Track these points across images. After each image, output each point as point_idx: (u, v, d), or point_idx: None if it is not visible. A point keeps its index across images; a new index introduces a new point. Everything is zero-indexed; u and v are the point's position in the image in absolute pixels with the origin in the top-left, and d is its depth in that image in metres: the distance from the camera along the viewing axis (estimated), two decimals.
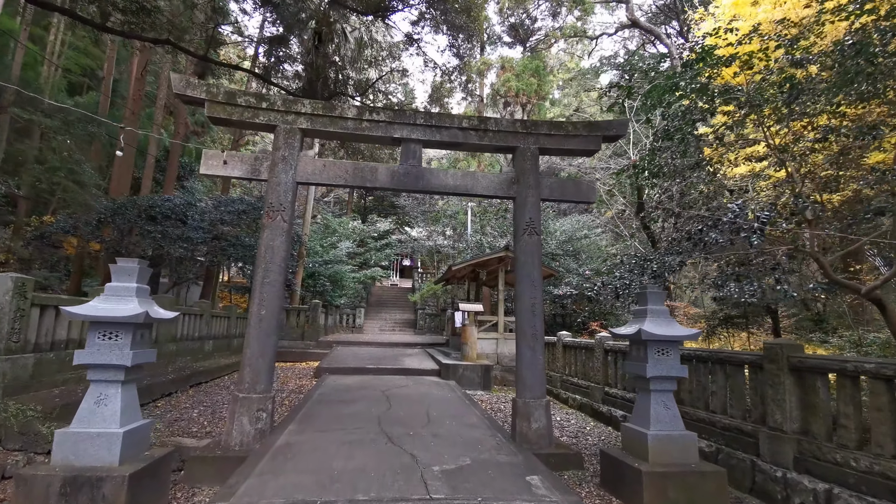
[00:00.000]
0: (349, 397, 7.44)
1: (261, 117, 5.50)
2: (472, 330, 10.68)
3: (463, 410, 6.90)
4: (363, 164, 5.73)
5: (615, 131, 6.03)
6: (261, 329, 5.11)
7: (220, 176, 5.43)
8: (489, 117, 6.04)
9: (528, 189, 5.80)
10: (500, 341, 11.49)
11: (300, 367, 11.97)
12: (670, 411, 4.26)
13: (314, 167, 5.60)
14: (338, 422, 5.76)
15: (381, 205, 28.21)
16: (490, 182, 5.88)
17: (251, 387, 4.96)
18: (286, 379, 9.90)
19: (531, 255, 5.66)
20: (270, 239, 5.27)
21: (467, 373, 10.04)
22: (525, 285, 5.60)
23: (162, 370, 8.11)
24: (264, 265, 5.21)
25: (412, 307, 23.26)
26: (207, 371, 9.09)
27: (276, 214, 5.31)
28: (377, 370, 10.27)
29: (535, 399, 5.36)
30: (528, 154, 5.89)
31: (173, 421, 6.02)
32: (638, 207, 11.64)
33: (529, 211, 5.74)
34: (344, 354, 12.48)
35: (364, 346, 14.74)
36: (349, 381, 9.11)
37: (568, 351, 9.24)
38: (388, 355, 12.55)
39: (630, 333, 4.32)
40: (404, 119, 5.72)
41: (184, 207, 13.04)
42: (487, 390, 10.03)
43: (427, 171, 5.79)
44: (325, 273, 17.26)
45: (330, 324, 17.98)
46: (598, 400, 7.62)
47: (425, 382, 9.45)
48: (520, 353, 5.56)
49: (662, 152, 6.20)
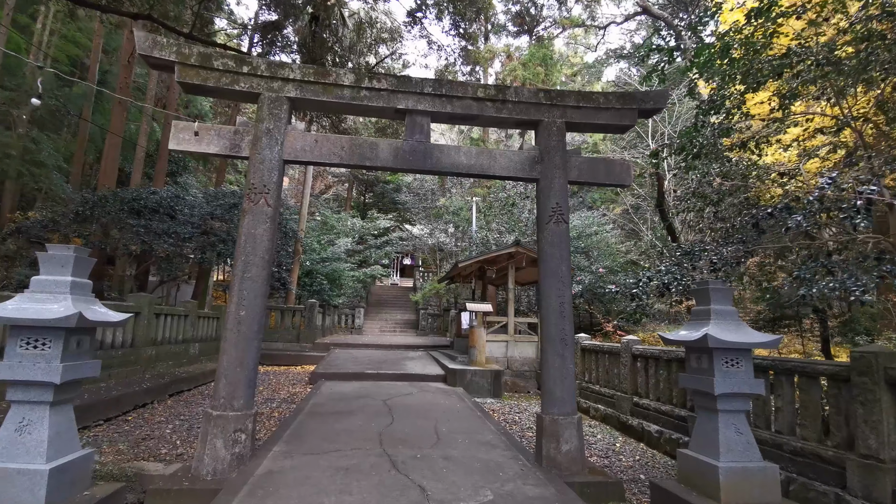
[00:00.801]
0: (347, 408, 6.61)
1: (241, 83, 4.67)
2: (481, 332, 9.85)
3: (476, 424, 6.08)
4: (362, 139, 4.90)
5: (653, 104, 5.20)
6: (240, 333, 4.28)
7: (192, 152, 4.62)
8: (508, 86, 5.21)
9: (554, 169, 4.97)
10: (511, 344, 10.67)
11: (294, 372, 11.14)
12: (743, 437, 3.43)
13: (304, 142, 4.77)
14: (333, 441, 4.94)
15: (382, 201, 27.38)
16: (509, 161, 5.05)
17: (227, 402, 4.13)
18: (278, 386, 9.07)
19: (558, 246, 4.83)
20: (252, 226, 4.44)
21: (476, 379, 9.21)
22: (551, 282, 4.77)
23: (137, 378, 7.29)
24: (244, 257, 4.38)
25: (414, 307, 22.44)
26: (191, 377, 8.26)
27: (258, 197, 4.48)
28: (378, 376, 9.45)
29: (566, 416, 4.53)
30: (554, 129, 5.07)
31: (141, 440, 5.19)
32: (658, 199, 10.82)
33: (555, 194, 4.91)
34: (342, 358, 11.66)
35: (363, 348, 13.91)
36: (347, 389, 8.28)
37: (588, 355, 8.42)
38: (389, 359, 11.73)
39: (691, 339, 3.49)
40: (410, 87, 4.89)
41: (171, 201, 12.23)
42: (498, 398, 9.21)
43: (436, 148, 4.97)
44: (322, 271, 16.43)
45: (328, 325, 17.14)
46: (625, 411, 6.80)
47: (430, 390, 8.63)
48: (546, 362, 4.73)
49: (705, 128, 5.38)
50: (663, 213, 10.73)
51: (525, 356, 10.67)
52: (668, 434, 5.68)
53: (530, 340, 10.77)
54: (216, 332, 10.95)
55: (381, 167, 4.93)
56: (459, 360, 10.56)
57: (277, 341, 13.45)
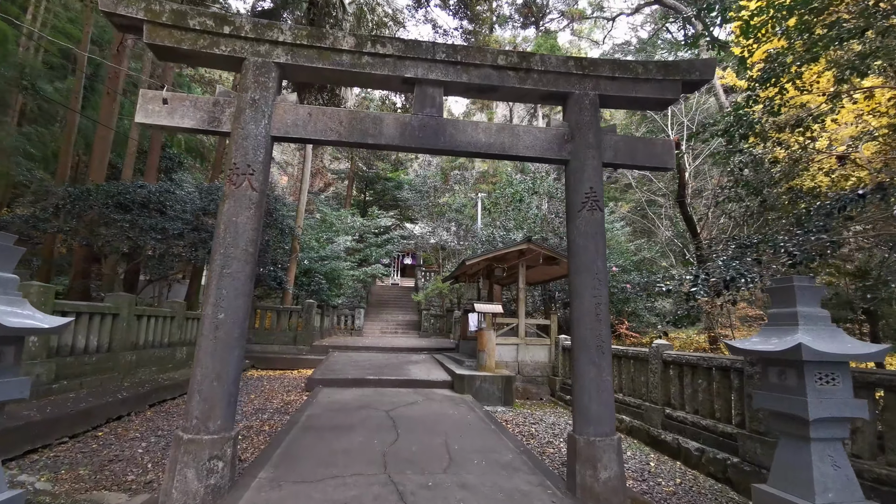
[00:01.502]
0: (346, 421, 5.92)
1: (222, 47, 3.97)
2: (490, 335, 9.16)
3: (491, 441, 5.38)
4: (363, 112, 4.21)
5: (699, 75, 4.52)
6: (217, 340, 3.59)
7: (164, 126, 3.93)
8: (533, 53, 4.51)
9: (587, 149, 4.28)
10: (521, 347, 9.98)
11: (290, 377, 10.45)
12: (841, 471, 2.74)
13: (296, 116, 4.08)
14: (330, 464, 4.24)
15: (383, 199, 26.67)
16: (535, 139, 4.36)
17: (201, 424, 3.44)
18: (271, 393, 8.37)
19: (593, 237, 4.14)
20: (233, 213, 3.75)
21: (485, 385, 8.52)
22: (585, 279, 4.08)
23: (113, 386, 6.59)
24: (223, 250, 3.69)
25: (416, 307, 21.77)
26: (176, 385, 7.57)
27: (241, 179, 3.79)
28: (379, 382, 8.75)
29: (604, 437, 3.84)
30: (586, 102, 4.38)
31: (108, 461, 4.50)
32: (678, 192, 10.13)
33: (589, 178, 4.22)
34: (341, 361, 10.96)
35: (364, 351, 13.22)
36: (346, 397, 7.59)
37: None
38: (391, 363, 11.03)
39: (778, 350, 2.80)
40: (420, 52, 4.20)
41: (160, 195, 11.52)
42: (509, 406, 8.52)
43: (450, 124, 4.28)
44: (320, 270, 15.74)
45: (326, 326, 16.44)
46: (655, 424, 6.10)
47: (437, 398, 7.94)
48: (579, 372, 4.04)
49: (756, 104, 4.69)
50: (683, 207, 10.05)
51: (536, 360, 9.98)
52: (712, 453, 4.99)
53: (542, 344, 10.08)
54: None
55: (385, 146, 4.23)
56: (466, 364, 9.87)
57: (273, 344, 12.76)
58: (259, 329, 12.92)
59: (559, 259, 10.12)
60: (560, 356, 9.54)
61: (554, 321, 10.19)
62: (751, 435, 4.54)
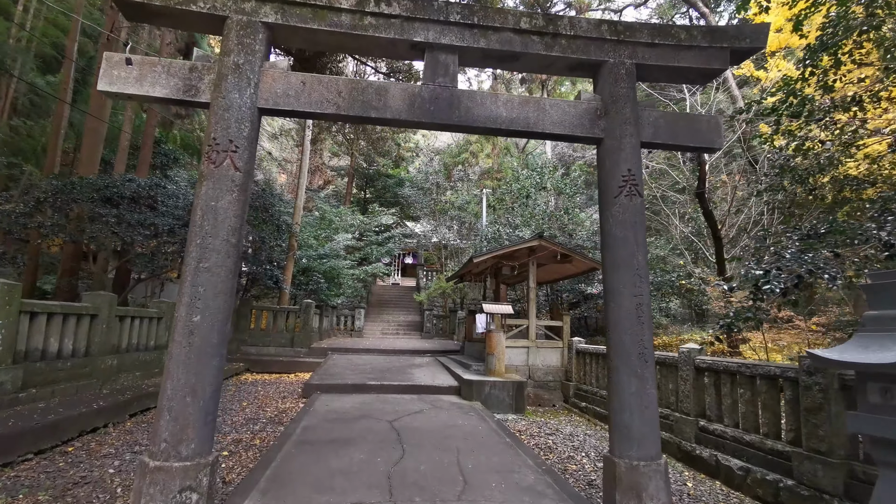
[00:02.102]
0: (345, 434, 5.34)
1: (200, 2, 3.40)
2: (500, 337, 8.59)
3: (508, 457, 4.81)
4: (366, 81, 3.63)
5: (749, 42, 3.94)
6: (192, 347, 3.02)
7: (131, 96, 3.37)
8: (561, 15, 3.94)
9: (624, 125, 3.71)
10: (532, 350, 9.40)
11: (287, 382, 9.87)
12: None
13: (287, 85, 3.50)
14: (326, 489, 3.67)
15: (384, 197, 26.06)
16: (563, 114, 3.78)
17: (172, 448, 2.87)
18: (265, 400, 7.79)
19: (632, 227, 3.56)
20: (212, 196, 3.18)
21: (495, 392, 7.95)
22: (624, 276, 3.51)
23: (90, 394, 6.02)
24: (200, 240, 3.12)
25: (417, 308, 21.19)
26: None
27: (222, 156, 3.22)
28: (381, 388, 8.18)
29: (648, 461, 3.27)
30: (622, 72, 3.80)
31: (73, 484, 3.92)
32: (698, 184, 9.55)
33: (626, 158, 3.65)
34: (340, 365, 10.39)
35: (364, 353, 12.64)
36: (346, 405, 7.02)
37: None
38: (393, 366, 10.46)
39: (883, 363, 2.22)
40: (431, 13, 3.62)
41: (151, 189, 10.96)
42: (521, 413, 7.94)
43: (466, 96, 3.70)
44: (319, 269, 15.15)
45: (325, 327, 15.86)
46: (688, 438, 5.53)
47: (444, 405, 7.36)
48: (617, 385, 3.47)
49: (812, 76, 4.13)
50: (703, 201, 9.48)
51: (548, 364, 9.40)
52: (759, 473, 4.41)
53: (554, 346, 9.50)
54: None
55: (391, 120, 3.66)
56: (474, 368, 9.29)
57: (269, 346, 12.19)
58: (255, 330, 12.35)
59: (572, 257, 9.55)
60: (574, 360, 8.97)
61: (566, 322, 9.62)
62: (809, 455, 3.96)
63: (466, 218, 19.55)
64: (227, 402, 7.37)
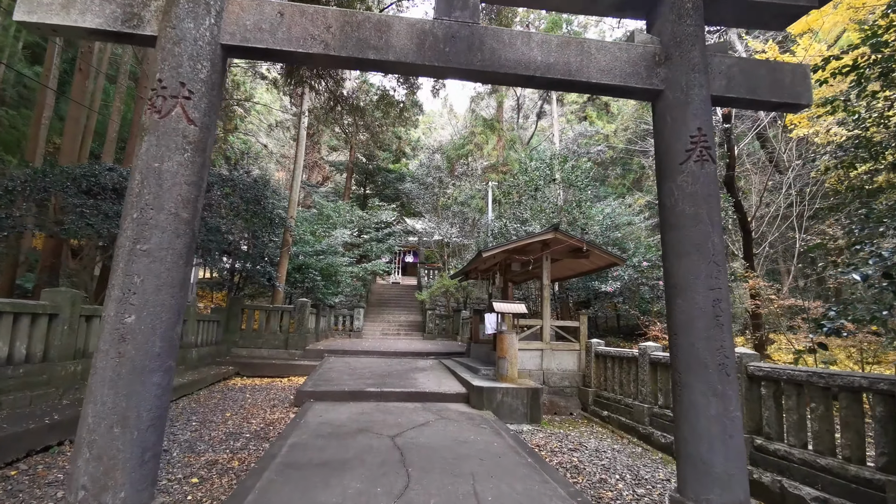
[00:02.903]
0: (339, 455, 4.55)
1: None
2: (512, 339, 7.79)
3: (534, 483, 4.01)
4: (363, 14, 2.83)
5: None
6: (122, 359, 2.23)
7: (56, 28, 2.59)
8: None
9: (691, 74, 2.92)
10: (546, 353, 8.61)
11: (279, 387, 9.08)
12: None
13: (259, 15, 2.71)
14: None
15: (384, 192, 25.24)
16: (613, 60, 2.99)
17: (93, 498, 2.07)
18: (252, 409, 7.00)
19: (705, 201, 2.77)
20: (155, 156, 2.38)
21: (508, 399, 7.16)
22: (696, 263, 2.71)
23: (46, 406, 5.23)
24: (138, 213, 2.33)
25: (419, 307, 20.40)
26: None
27: (169, 104, 2.42)
28: (382, 395, 7.39)
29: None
30: (687, 6, 3.01)
31: None
32: (727, 172, 8.76)
33: (696, 114, 2.86)
34: (337, 369, 9.59)
35: (363, 355, 11.85)
36: (342, 416, 6.23)
37: (661, 371, 6.34)
38: (394, 370, 9.67)
39: None
40: None
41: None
42: (536, 423, 7.15)
43: (491, 35, 2.91)
44: (315, 266, 14.34)
45: (322, 327, 15.06)
46: None
47: (452, 415, 6.57)
48: (688, 406, 2.67)
49: None
50: (732, 188, 8.68)
51: (564, 368, 8.60)
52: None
53: (570, 349, 8.71)
54: (182, 336, 8.88)
55: (395, 64, 2.85)
56: (483, 373, 8.50)
57: (262, 347, 11.39)
58: (246, 331, 11.55)
59: (590, 251, 8.75)
60: (593, 364, 8.17)
61: (583, 322, 8.82)
62: None
63: (470, 214, 18.75)
64: (208, 413, 6.58)
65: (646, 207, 18.78)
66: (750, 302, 9.02)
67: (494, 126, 19.10)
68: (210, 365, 9.93)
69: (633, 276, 11.53)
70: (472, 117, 21.89)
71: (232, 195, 11.21)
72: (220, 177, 10.75)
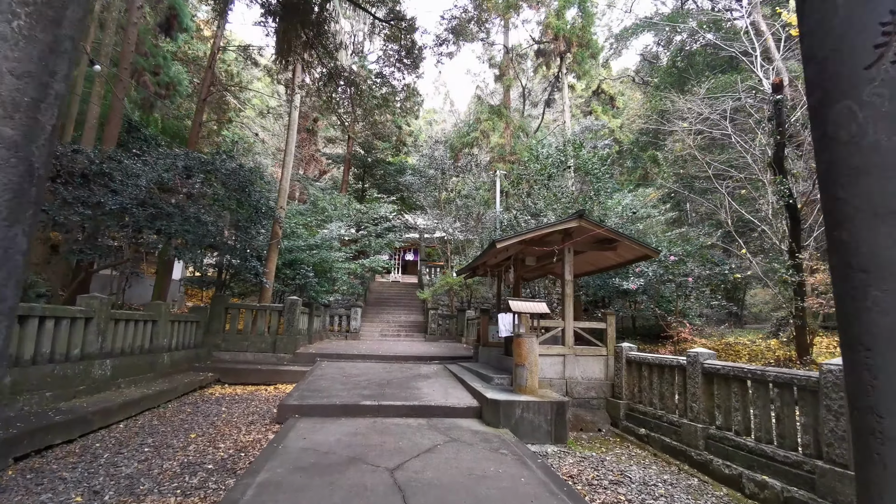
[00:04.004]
0: (322, 498, 3.44)
1: None
2: (532, 344, 6.68)
3: None
4: None
5: None
6: None
7: None
8: None
9: None
10: (569, 359, 7.51)
11: (263, 397, 7.97)
12: None
13: None
14: None
15: (383, 187, 24.10)
16: None
17: None
18: (224, 428, 5.88)
19: None
20: None
21: (529, 415, 6.06)
22: None
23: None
24: None
25: (420, 307, 19.32)
26: (77, 420, 5.09)
27: None
28: (380, 409, 6.28)
29: None
30: None
31: None
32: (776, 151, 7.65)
33: None
34: (329, 376, 8.49)
35: (360, 360, 10.74)
36: (331, 438, 5.13)
37: (728, 386, 5.21)
38: (394, 377, 8.56)
39: None
40: None
41: (102, 164, 9.08)
42: (562, 443, 6.05)
43: None
44: (308, 261, 13.23)
45: (316, 328, 13.96)
46: (844, 496, 3.62)
47: (464, 436, 5.46)
48: (894, 469, 1.54)
49: None
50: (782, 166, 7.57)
51: (590, 377, 7.50)
52: None
53: (596, 354, 7.61)
54: (150, 340, 7.77)
55: None
56: (496, 382, 7.40)
57: (247, 351, 10.28)
58: (230, 333, 10.44)
59: (618, 242, 7.65)
60: (624, 372, 7.07)
61: (611, 324, 7.72)
62: None
63: (474, 207, 17.62)
64: (169, 434, 5.46)
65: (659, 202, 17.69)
66: (813, 300, 7.90)
67: (502, 112, 17.96)
68: (186, 371, 8.82)
69: (659, 273, 10.43)
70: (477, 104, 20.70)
71: (214, 183, 10.09)
72: (199, 160, 9.63)
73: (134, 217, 8.45)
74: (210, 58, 17.07)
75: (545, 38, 16.61)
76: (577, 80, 19.00)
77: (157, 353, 7.89)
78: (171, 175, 9.46)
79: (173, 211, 8.77)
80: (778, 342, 11.45)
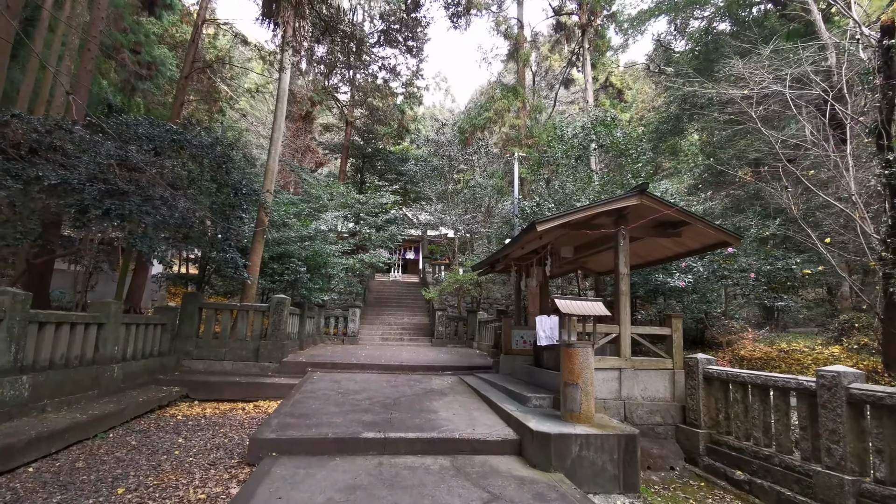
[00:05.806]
0: None
1: None
2: (588, 356, 5.08)
3: None
4: None
5: None
6: None
7: None
8: None
9: None
10: (626, 374, 5.91)
11: (237, 420, 6.35)
12: None
13: None
14: None
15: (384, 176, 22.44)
16: None
17: None
18: (170, 476, 4.23)
19: None
20: None
21: (589, 454, 4.46)
22: None
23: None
24: None
25: (425, 307, 17.71)
26: None
27: None
28: (386, 443, 4.68)
29: None
30: None
31: None
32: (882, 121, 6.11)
33: None
34: (321, 393, 6.87)
35: (359, 370, 9.12)
36: (318, 498, 3.51)
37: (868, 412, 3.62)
38: (402, 394, 6.96)
39: None
40: None
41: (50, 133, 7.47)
42: (634, 493, 4.45)
43: None
44: (299, 254, 11.60)
45: (309, 331, 12.33)
46: None
47: (507, 492, 3.85)
48: None
49: None
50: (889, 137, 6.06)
51: (652, 396, 5.92)
52: None
53: (660, 367, 6.02)
54: (92, 348, 6.13)
55: None
56: (534, 403, 5.80)
57: (224, 359, 8.64)
58: (204, 337, 8.79)
59: (685, 225, 6.07)
60: (701, 392, 5.48)
61: (677, 329, 6.12)
62: None
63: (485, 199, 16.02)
64: (87, 488, 3.81)
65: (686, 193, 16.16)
66: None
67: (518, 91, 16.36)
68: (144, 385, 7.18)
69: (712, 268, 8.85)
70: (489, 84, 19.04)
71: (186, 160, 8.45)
72: (165, 128, 8.00)
73: (79, 195, 6.83)
74: (194, 31, 15.44)
75: (564, 10, 15.09)
76: (599, 55, 17.40)
77: (104, 365, 6.25)
78: (137, 147, 7.84)
79: (130, 189, 7.14)
80: (842, 349, 9.91)
